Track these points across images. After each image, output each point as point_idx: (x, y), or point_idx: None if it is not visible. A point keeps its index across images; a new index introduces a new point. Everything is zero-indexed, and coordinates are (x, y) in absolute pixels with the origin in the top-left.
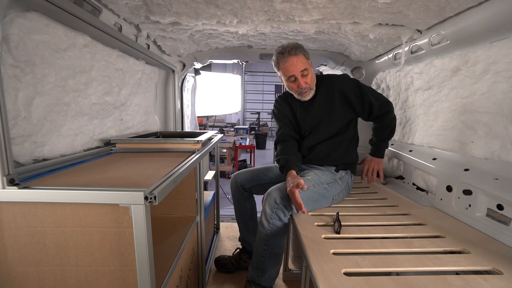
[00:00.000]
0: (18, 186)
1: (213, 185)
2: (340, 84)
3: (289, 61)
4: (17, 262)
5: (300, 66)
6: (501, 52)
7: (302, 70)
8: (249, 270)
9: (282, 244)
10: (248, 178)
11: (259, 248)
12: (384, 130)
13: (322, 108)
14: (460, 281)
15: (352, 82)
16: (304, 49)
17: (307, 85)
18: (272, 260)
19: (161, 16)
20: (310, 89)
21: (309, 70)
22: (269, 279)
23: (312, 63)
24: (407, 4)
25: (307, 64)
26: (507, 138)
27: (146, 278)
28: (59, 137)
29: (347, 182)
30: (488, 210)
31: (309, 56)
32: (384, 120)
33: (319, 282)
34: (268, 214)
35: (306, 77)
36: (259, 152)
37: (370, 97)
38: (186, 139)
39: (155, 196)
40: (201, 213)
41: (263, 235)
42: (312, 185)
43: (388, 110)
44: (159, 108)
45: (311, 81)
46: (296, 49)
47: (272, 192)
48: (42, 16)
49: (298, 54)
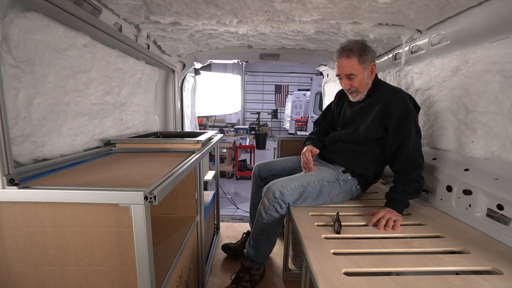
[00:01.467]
0: (18, 186)
1: (213, 185)
2: (388, 98)
3: (339, 61)
4: (17, 262)
5: (347, 70)
6: (501, 52)
7: (348, 74)
8: (246, 247)
9: (277, 231)
10: (264, 169)
11: (256, 233)
12: (410, 184)
13: (360, 112)
14: (460, 281)
15: (401, 107)
16: (363, 51)
17: (351, 87)
18: (266, 243)
19: (161, 16)
20: (357, 92)
21: (357, 75)
22: (262, 257)
23: (371, 65)
24: (407, 4)
25: (358, 69)
26: (507, 138)
27: (146, 278)
28: (59, 137)
29: (350, 187)
30: (488, 210)
31: (368, 59)
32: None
33: (319, 282)
34: (266, 206)
35: (352, 80)
36: (259, 152)
37: (411, 132)
38: (186, 139)
39: (155, 196)
40: (201, 213)
41: (260, 223)
42: (312, 181)
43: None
44: (159, 108)
45: (360, 85)
46: (351, 51)
47: (272, 186)
48: (42, 16)
49: (351, 57)
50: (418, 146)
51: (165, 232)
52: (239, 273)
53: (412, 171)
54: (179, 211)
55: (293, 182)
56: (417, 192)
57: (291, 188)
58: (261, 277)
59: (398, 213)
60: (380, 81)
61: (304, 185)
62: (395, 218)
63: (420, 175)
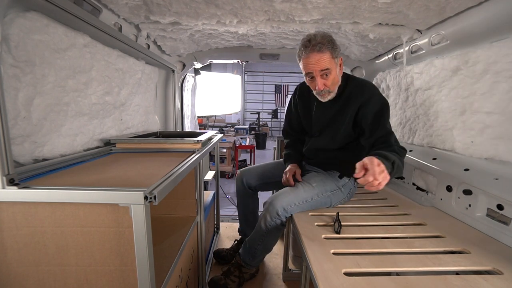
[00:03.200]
0: (18, 186)
1: (213, 185)
2: (362, 100)
3: (309, 57)
4: (17, 262)
5: (321, 65)
6: (501, 52)
7: (323, 70)
8: (241, 251)
9: (276, 240)
10: (254, 177)
11: (254, 241)
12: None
13: (336, 113)
14: (460, 281)
15: (377, 103)
16: (334, 44)
17: (325, 87)
18: (264, 250)
19: (161, 16)
20: (328, 92)
21: (332, 70)
22: (257, 262)
23: (340, 60)
24: (407, 4)
25: (332, 63)
26: (508, 138)
27: (146, 278)
28: (59, 137)
29: (350, 188)
30: (488, 210)
31: (338, 53)
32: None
33: (319, 282)
34: (267, 221)
35: (326, 78)
36: (259, 152)
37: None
38: (186, 139)
39: (155, 196)
40: (201, 213)
41: (260, 234)
42: (316, 194)
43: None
44: (159, 108)
45: (332, 83)
46: (323, 44)
47: (275, 202)
48: (42, 16)
49: (324, 52)
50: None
51: (165, 232)
52: (230, 267)
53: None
54: (179, 211)
55: (297, 197)
56: (401, 153)
57: (294, 204)
58: (252, 276)
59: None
60: (348, 75)
61: (308, 200)
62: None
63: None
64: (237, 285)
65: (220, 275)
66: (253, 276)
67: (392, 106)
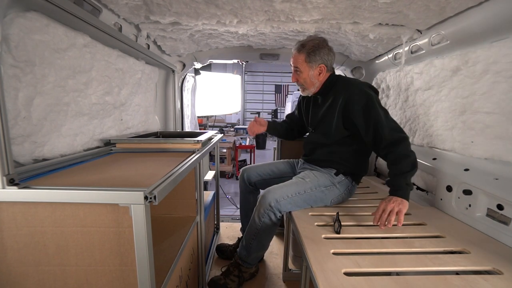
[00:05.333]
0: (18, 186)
1: (213, 185)
2: (345, 93)
3: (293, 52)
4: (17, 262)
5: (293, 62)
6: (501, 52)
7: (294, 67)
8: (239, 247)
9: (270, 237)
10: (254, 174)
11: (249, 236)
12: (402, 160)
13: (326, 110)
14: (460, 281)
15: (361, 96)
16: (313, 51)
17: (297, 81)
18: (259, 247)
19: (161, 16)
20: (303, 87)
21: (303, 72)
22: (254, 259)
23: (320, 67)
24: (407, 4)
25: (303, 65)
26: (507, 138)
27: (146, 278)
28: (59, 137)
29: (347, 186)
30: (488, 210)
31: (315, 61)
32: (398, 149)
33: (319, 282)
34: (260, 213)
35: (298, 75)
36: (259, 152)
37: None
38: (186, 139)
39: (155, 196)
40: (201, 213)
41: (254, 228)
42: (309, 187)
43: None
44: (159, 108)
45: (304, 82)
46: (303, 47)
47: (267, 194)
48: (42, 16)
49: (300, 53)
50: (393, 125)
51: (165, 232)
52: (229, 267)
53: (397, 148)
54: (179, 211)
55: (289, 190)
56: (413, 167)
57: (287, 196)
58: (252, 276)
59: (404, 199)
60: (338, 77)
61: (301, 193)
62: (398, 208)
63: (408, 149)
64: (237, 284)
65: (220, 275)
66: (253, 276)
67: (392, 106)
